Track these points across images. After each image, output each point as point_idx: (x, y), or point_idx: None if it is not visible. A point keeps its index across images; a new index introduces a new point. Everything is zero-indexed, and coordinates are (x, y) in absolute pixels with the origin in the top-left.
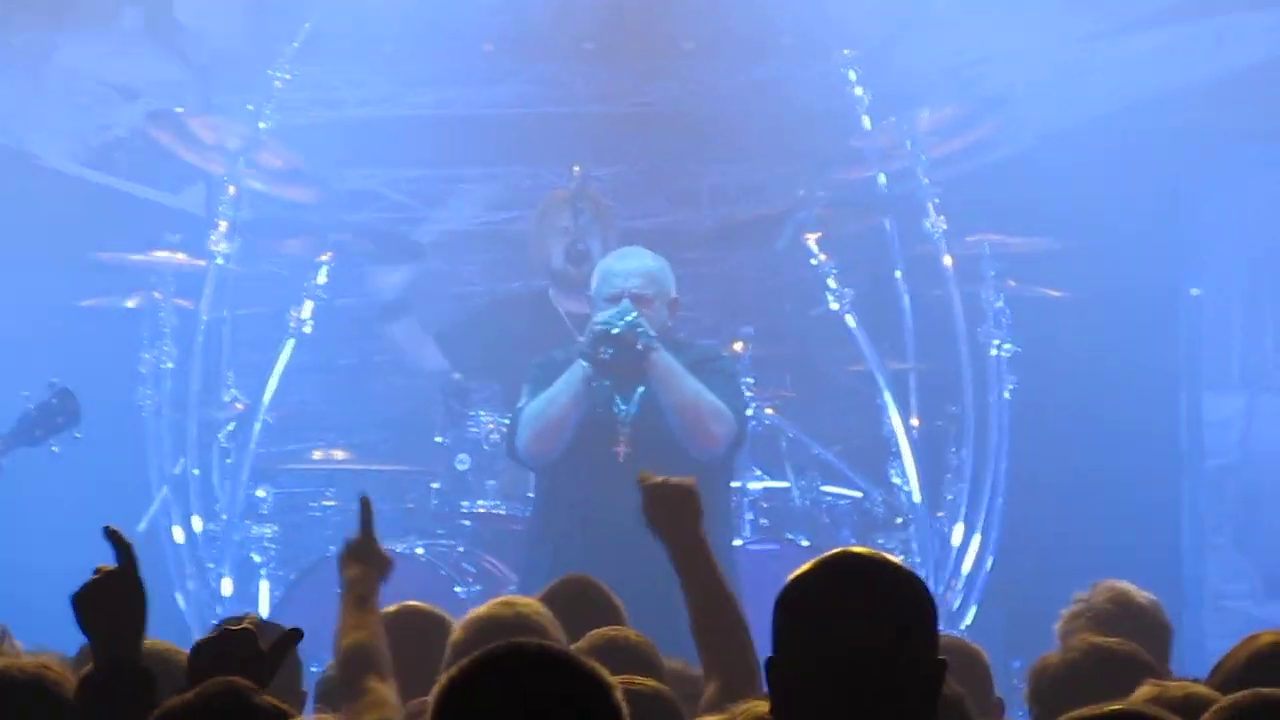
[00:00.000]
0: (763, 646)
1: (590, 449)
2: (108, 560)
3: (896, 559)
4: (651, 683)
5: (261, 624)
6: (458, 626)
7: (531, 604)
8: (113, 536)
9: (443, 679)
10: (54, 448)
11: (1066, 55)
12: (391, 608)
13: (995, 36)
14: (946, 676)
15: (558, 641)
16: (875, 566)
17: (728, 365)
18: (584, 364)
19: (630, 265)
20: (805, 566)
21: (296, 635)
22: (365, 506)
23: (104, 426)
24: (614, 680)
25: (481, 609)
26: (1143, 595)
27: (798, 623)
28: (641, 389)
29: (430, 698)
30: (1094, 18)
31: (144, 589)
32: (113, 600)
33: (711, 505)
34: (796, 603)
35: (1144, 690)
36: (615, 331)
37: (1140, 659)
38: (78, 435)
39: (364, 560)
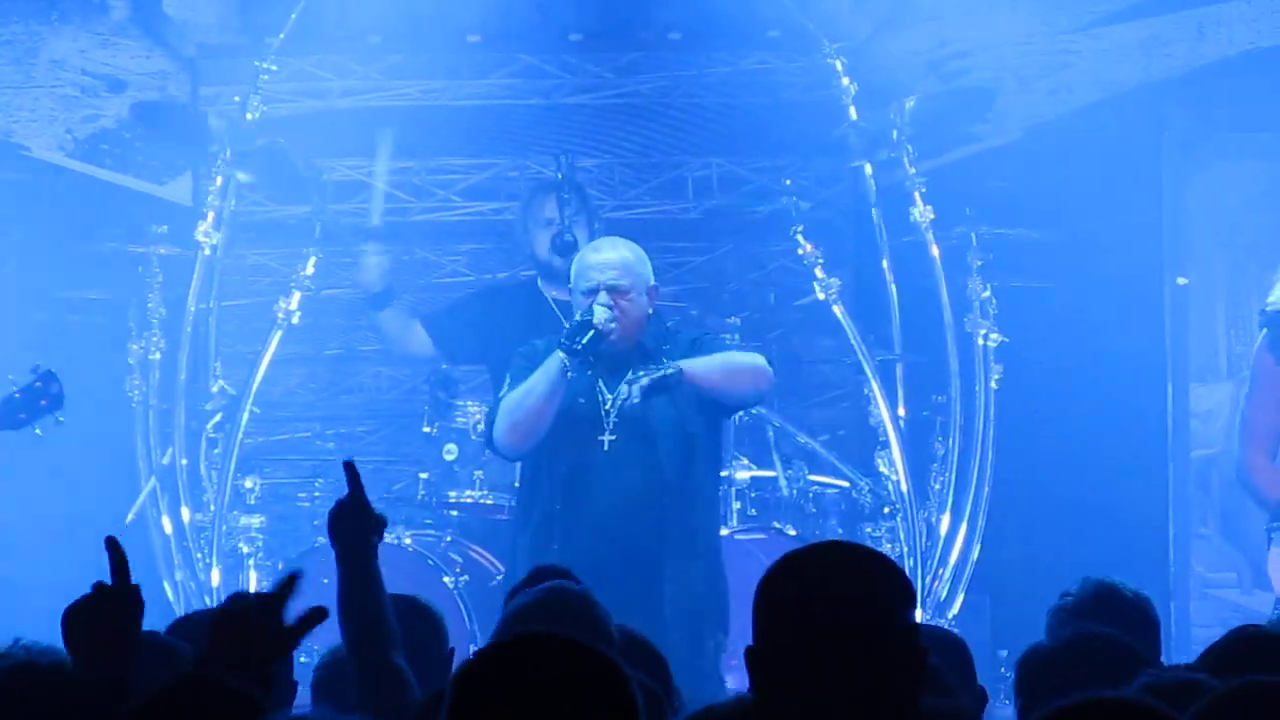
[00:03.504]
0: (749, 635)
1: (575, 437)
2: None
3: (875, 548)
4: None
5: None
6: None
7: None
8: (111, 547)
9: (460, 666)
10: (37, 430)
11: (1050, 47)
12: None
13: (979, 29)
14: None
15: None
16: (854, 556)
17: (716, 337)
18: (561, 355)
19: (605, 258)
20: (782, 558)
21: (322, 614)
22: (350, 469)
23: (92, 417)
24: (629, 672)
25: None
26: (1130, 591)
27: (778, 613)
28: (626, 380)
29: (448, 685)
30: (1076, 10)
31: (140, 605)
32: (104, 618)
33: (700, 486)
34: (776, 594)
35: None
36: (593, 320)
37: (1131, 650)
38: (60, 419)
39: (356, 525)
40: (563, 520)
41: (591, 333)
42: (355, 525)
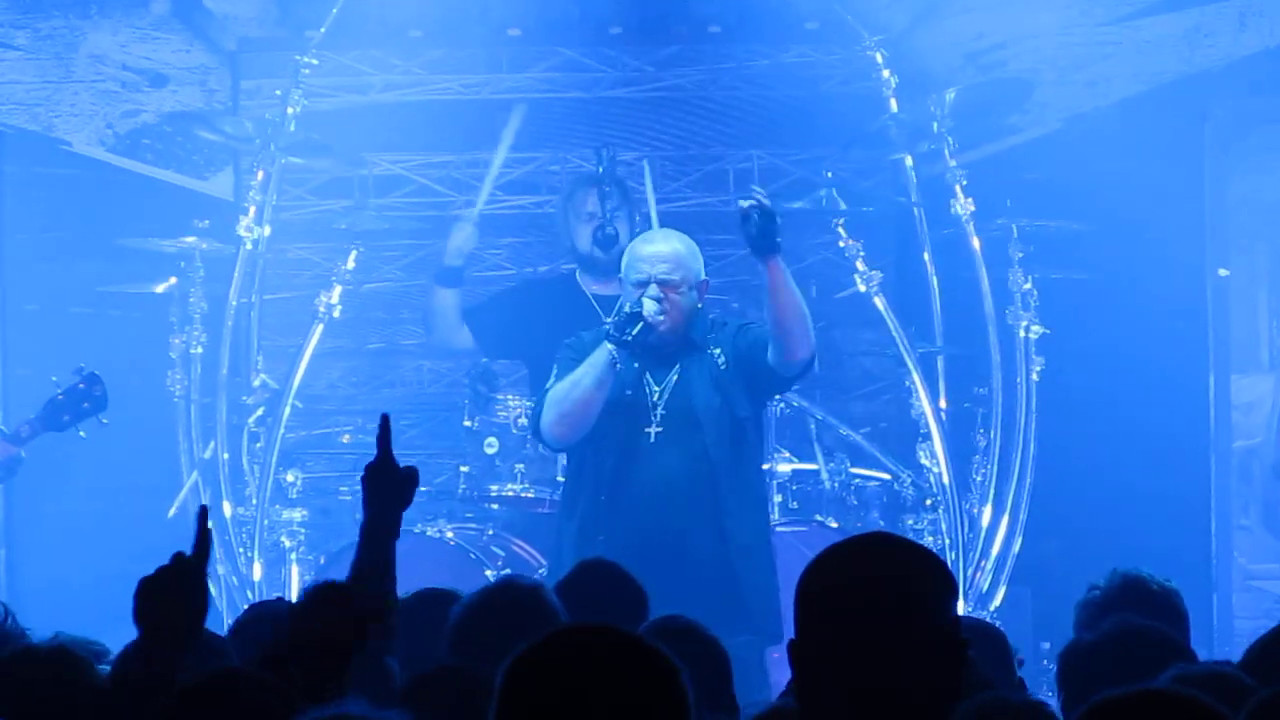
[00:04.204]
0: (792, 627)
1: (621, 429)
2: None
3: (917, 540)
4: None
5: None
6: (461, 605)
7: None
8: (201, 519)
9: (509, 658)
10: (81, 433)
11: (1089, 38)
12: (413, 592)
13: (1017, 20)
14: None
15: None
16: (896, 548)
17: (762, 326)
18: (609, 347)
19: (657, 249)
20: (824, 551)
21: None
22: (384, 425)
23: (134, 411)
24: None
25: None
26: (1158, 583)
27: (820, 606)
28: (676, 375)
29: (498, 676)
30: (1115, 1)
31: (207, 589)
32: (180, 591)
33: (748, 472)
34: (818, 586)
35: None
36: (642, 312)
37: (1171, 641)
38: (104, 421)
39: (384, 487)
40: (609, 511)
41: (640, 324)
42: (388, 481)
